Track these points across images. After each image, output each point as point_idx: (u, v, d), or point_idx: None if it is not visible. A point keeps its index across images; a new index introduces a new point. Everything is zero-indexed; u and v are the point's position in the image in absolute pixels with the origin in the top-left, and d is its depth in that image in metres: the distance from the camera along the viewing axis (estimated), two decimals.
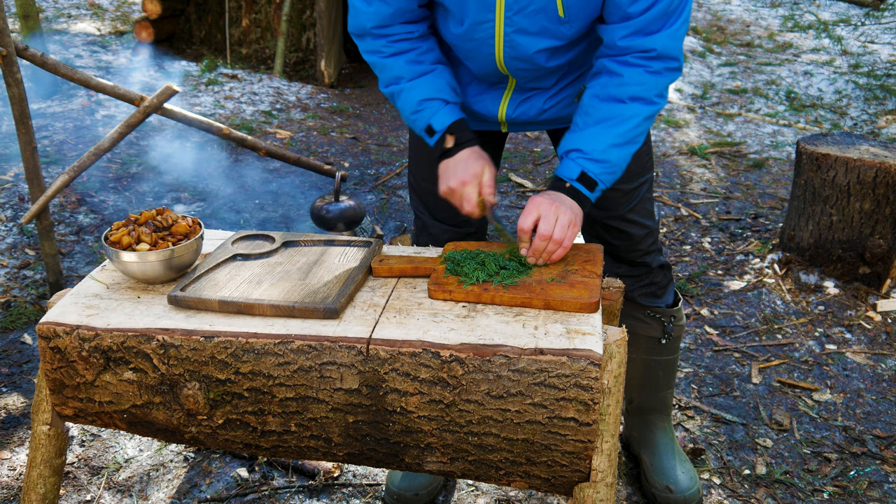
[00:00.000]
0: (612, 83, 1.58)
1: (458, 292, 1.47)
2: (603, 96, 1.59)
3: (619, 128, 1.58)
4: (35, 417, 1.56)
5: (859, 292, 3.18)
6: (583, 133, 1.60)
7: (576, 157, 1.60)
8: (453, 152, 1.67)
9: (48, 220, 2.97)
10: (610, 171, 1.61)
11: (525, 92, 1.77)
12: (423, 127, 1.71)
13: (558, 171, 1.63)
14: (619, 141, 1.58)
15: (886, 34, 7.75)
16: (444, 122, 1.68)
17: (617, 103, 1.58)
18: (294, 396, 1.39)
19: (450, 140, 1.67)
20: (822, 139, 3.32)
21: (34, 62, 2.88)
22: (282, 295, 1.46)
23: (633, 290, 2.00)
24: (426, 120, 1.69)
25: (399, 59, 1.69)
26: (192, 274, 1.53)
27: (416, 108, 1.69)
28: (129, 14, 7.68)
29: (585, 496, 1.35)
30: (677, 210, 4.10)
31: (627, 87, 1.56)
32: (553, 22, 1.57)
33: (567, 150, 1.62)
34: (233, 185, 4.25)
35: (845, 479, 2.25)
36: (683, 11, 1.54)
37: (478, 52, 1.67)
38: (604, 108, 1.58)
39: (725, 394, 2.63)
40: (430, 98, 1.68)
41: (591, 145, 1.59)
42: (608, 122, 1.58)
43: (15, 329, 2.90)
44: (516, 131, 1.91)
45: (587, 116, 1.61)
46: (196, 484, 2.19)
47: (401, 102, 1.72)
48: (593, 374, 1.28)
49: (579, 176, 1.60)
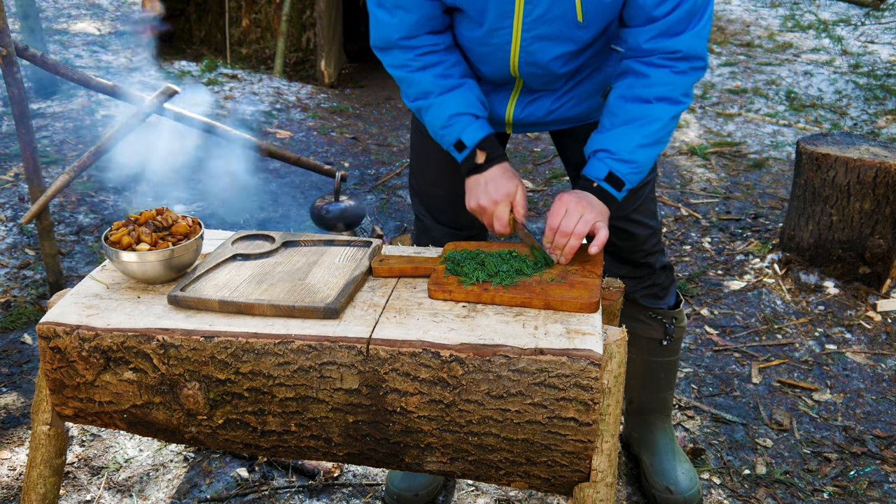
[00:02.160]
0: (638, 84, 1.58)
1: (458, 292, 1.47)
2: (629, 97, 1.59)
3: (646, 128, 1.58)
4: (35, 417, 1.56)
5: (859, 292, 3.18)
6: (610, 133, 1.61)
7: (603, 157, 1.61)
8: (484, 168, 1.66)
9: (48, 220, 2.97)
10: (637, 171, 1.61)
11: (532, 93, 1.77)
12: (452, 142, 1.69)
13: (586, 171, 1.63)
14: (646, 141, 1.59)
15: (886, 34, 7.75)
16: (475, 137, 1.66)
17: (644, 104, 1.58)
18: (294, 396, 1.39)
19: (481, 156, 1.66)
20: (822, 139, 3.32)
21: (34, 62, 2.88)
22: (282, 295, 1.46)
23: (635, 292, 2.00)
24: (456, 135, 1.67)
25: (427, 73, 1.67)
26: (192, 274, 1.53)
27: (447, 124, 1.67)
28: (129, 14, 7.68)
29: (585, 496, 1.35)
30: (677, 210, 4.10)
31: (654, 87, 1.57)
32: (571, 27, 1.57)
33: (595, 151, 1.63)
34: (233, 185, 4.25)
35: (845, 479, 2.25)
36: (707, 11, 1.54)
37: (492, 56, 1.66)
38: (631, 108, 1.59)
39: (725, 394, 2.63)
40: (461, 113, 1.66)
41: (618, 146, 1.59)
42: (635, 122, 1.58)
43: (15, 329, 2.90)
44: (521, 132, 1.91)
45: (614, 117, 1.61)
46: (196, 484, 2.19)
47: (429, 117, 1.70)
48: (593, 374, 1.28)
49: (607, 176, 1.60)
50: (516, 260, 1.57)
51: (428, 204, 2.01)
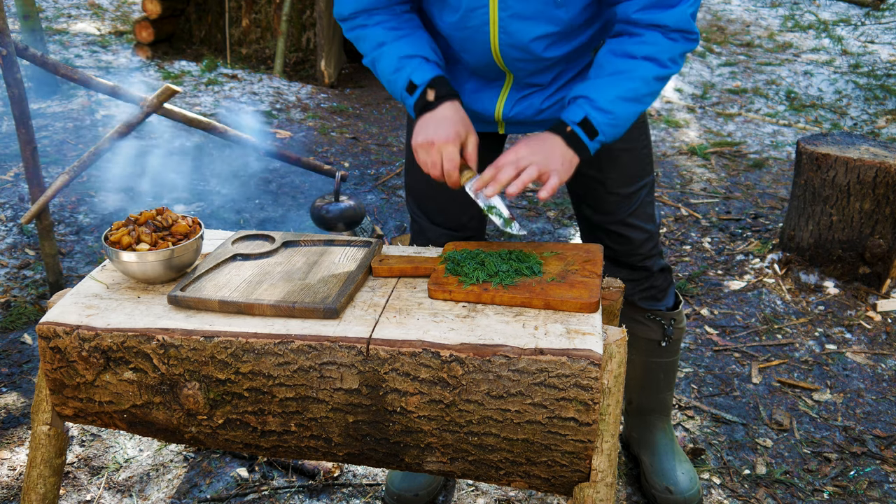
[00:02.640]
0: (629, 42, 1.58)
1: (457, 292, 1.47)
2: (618, 52, 1.59)
3: (629, 83, 1.58)
4: (35, 417, 1.56)
5: (859, 292, 3.18)
6: (593, 83, 1.60)
7: (582, 102, 1.59)
8: (434, 105, 1.61)
9: (48, 220, 2.97)
10: (613, 125, 1.59)
11: (523, 89, 1.76)
12: (403, 85, 1.64)
13: (563, 114, 1.61)
14: (627, 95, 1.58)
15: (886, 34, 7.75)
16: (425, 76, 1.61)
17: (630, 59, 1.57)
18: (294, 396, 1.39)
19: (430, 93, 1.61)
20: (822, 139, 3.32)
21: (34, 62, 2.88)
22: (282, 295, 1.46)
23: (633, 294, 2.00)
24: (407, 76, 1.63)
25: (380, 26, 1.67)
26: (192, 274, 1.53)
27: (397, 67, 1.64)
28: (129, 14, 7.68)
29: (585, 496, 1.35)
30: (677, 210, 4.10)
31: (644, 45, 1.56)
32: (549, 5, 1.57)
33: (574, 97, 1.61)
34: (233, 185, 4.26)
35: (845, 479, 2.25)
36: None
37: (473, 40, 1.66)
38: (617, 62, 1.58)
39: (725, 394, 2.63)
40: (411, 55, 1.64)
41: (598, 94, 1.58)
42: (619, 75, 1.58)
43: (15, 329, 2.91)
44: (514, 132, 1.90)
45: (599, 69, 1.61)
46: (196, 484, 2.19)
47: (381, 65, 1.68)
48: (593, 374, 1.28)
49: (581, 120, 1.58)
50: (516, 260, 1.57)
51: (422, 203, 2.00)
